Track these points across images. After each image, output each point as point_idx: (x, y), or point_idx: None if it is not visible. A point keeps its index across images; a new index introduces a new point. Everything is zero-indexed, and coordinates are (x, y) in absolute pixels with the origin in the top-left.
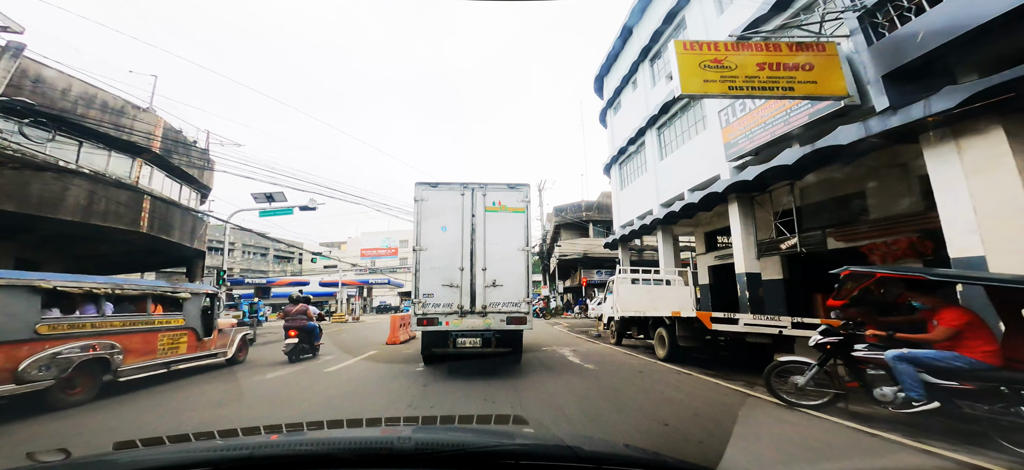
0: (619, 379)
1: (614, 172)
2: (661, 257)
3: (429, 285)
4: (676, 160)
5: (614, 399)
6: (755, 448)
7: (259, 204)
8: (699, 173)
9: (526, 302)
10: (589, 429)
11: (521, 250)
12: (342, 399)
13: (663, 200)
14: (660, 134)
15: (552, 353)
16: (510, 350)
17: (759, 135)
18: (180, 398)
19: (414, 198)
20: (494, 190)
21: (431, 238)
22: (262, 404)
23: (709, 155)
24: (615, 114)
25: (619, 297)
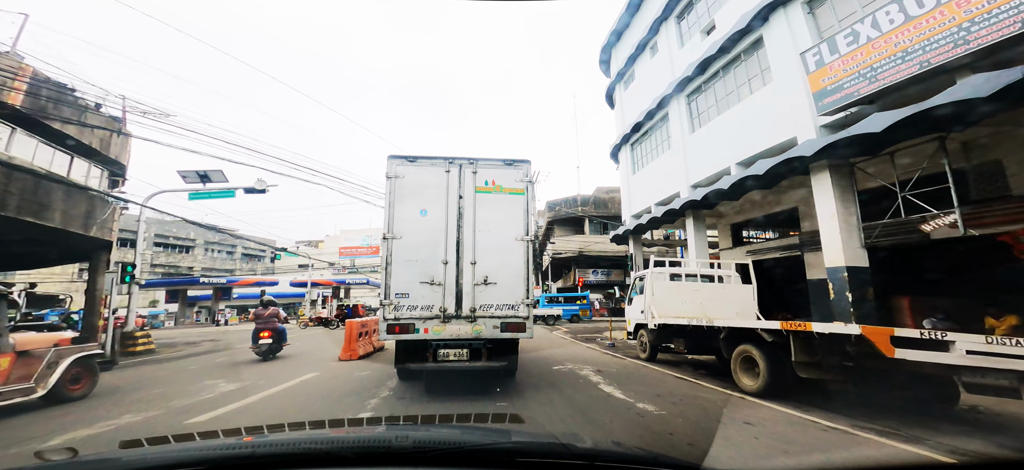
0: (734, 446)
1: (624, 155)
2: (692, 249)
3: (404, 282)
4: (716, 129)
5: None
6: None
7: (190, 185)
8: (754, 140)
9: (526, 304)
10: None
11: (520, 240)
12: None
13: (695, 180)
14: (691, 102)
15: (570, 374)
16: (504, 364)
17: (889, 71)
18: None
19: (386, 174)
20: (487, 167)
21: (407, 223)
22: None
23: (775, 114)
24: (626, 89)
25: (654, 299)
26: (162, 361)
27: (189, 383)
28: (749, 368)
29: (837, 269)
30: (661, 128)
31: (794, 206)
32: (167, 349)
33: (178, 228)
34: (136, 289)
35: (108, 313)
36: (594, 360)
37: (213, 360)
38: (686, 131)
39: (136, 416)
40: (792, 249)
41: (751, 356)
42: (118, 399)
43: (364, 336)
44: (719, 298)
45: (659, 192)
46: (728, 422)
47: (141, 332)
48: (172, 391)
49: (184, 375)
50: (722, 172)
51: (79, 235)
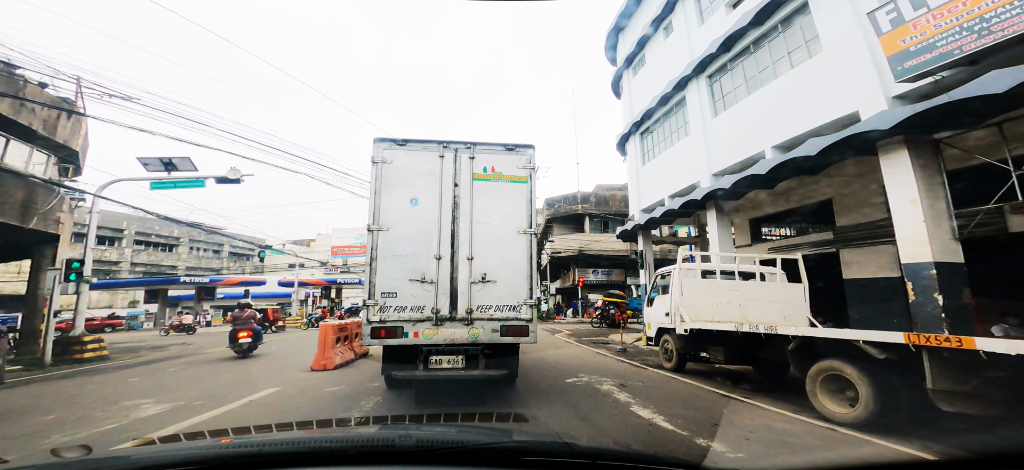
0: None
1: (633, 145)
2: (714, 243)
3: (390, 280)
4: (746, 111)
5: None
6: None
7: (153, 173)
8: (798, 119)
9: (528, 305)
10: None
11: (523, 233)
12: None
13: (719, 168)
14: (713, 83)
15: (589, 390)
16: (504, 372)
17: (1011, 20)
18: None
19: (372, 158)
20: (486, 152)
21: (395, 214)
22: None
23: (826, 88)
24: (635, 75)
25: (684, 300)
26: (103, 371)
27: (107, 404)
28: (836, 391)
29: (920, 266)
30: (677, 114)
31: (827, 198)
32: (125, 355)
33: (161, 226)
34: (85, 289)
35: (48, 315)
36: (611, 370)
37: (164, 370)
38: (707, 115)
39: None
40: (825, 246)
41: (841, 375)
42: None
43: (344, 342)
44: (762, 299)
45: (674, 183)
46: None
47: (91, 337)
48: (72, 416)
49: (111, 391)
50: (754, 157)
51: (14, 227)
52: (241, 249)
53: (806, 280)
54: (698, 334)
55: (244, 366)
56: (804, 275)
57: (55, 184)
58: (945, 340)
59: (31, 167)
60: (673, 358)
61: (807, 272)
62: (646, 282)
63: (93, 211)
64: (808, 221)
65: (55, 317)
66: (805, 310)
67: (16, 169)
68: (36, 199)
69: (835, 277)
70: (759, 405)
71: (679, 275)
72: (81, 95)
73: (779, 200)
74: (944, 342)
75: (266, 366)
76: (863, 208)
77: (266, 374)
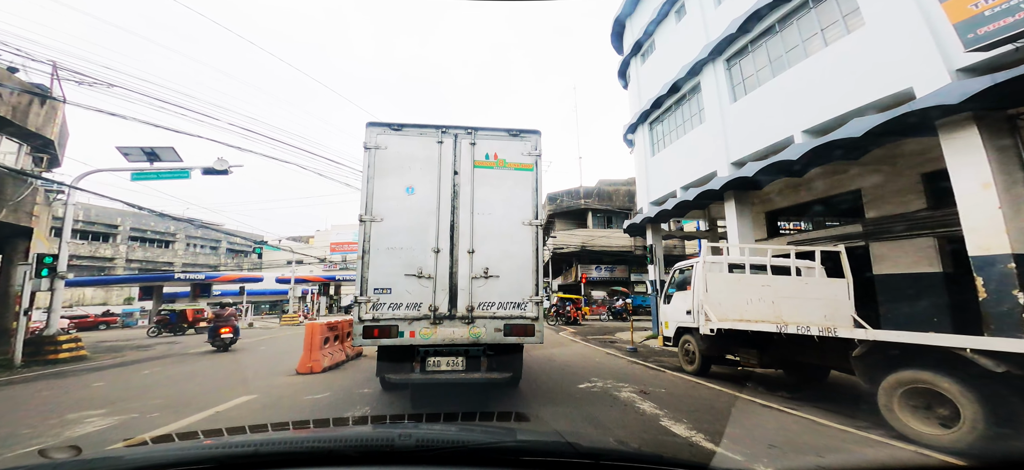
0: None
1: (641, 136)
2: (734, 236)
3: (385, 275)
4: (770, 95)
5: None
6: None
7: (134, 163)
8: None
9: (534, 302)
10: None
11: (528, 225)
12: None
13: (738, 156)
14: (732, 67)
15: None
16: (508, 375)
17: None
18: None
19: (364, 144)
20: (488, 137)
21: (390, 203)
22: None
23: (871, 64)
24: (643, 62)
25: (708, 297)
26: (73, 374)
27: (46, 416)
28: (921, 406)
29: (994, 258)
30: (691, 101)
31: (856, 188)
32: (106, 355)
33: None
34: (61, 285)
35: (20, 312)
36: (627, 374)
37: (136, 372)
38: (725, 101)
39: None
40: (852, 239)
41: (933, 390)
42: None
43: (334, 342)
44: (799, 296)
45: (687, 174)
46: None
47: (66, 336)
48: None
49: (64, 399)
50: (780, 143)
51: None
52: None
53: (850, 275)
54: (725, 335)
55: (223, 368)
56: (847, 269)
57: (27, 175)
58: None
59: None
60: (696, 361)
61: (834, 267)
62: (655, 278)
63: (68, 203)
64: (833, 213)
65: (25, 315)
66: (850, 308)
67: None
68: (5, 190)
69: (863, 273)
70: (817, 420)
71: (703, 269)
72: (57, 81)
73: (799, 192)
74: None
75: (247, 369)
76: (898, 198)
77: (245, 378)
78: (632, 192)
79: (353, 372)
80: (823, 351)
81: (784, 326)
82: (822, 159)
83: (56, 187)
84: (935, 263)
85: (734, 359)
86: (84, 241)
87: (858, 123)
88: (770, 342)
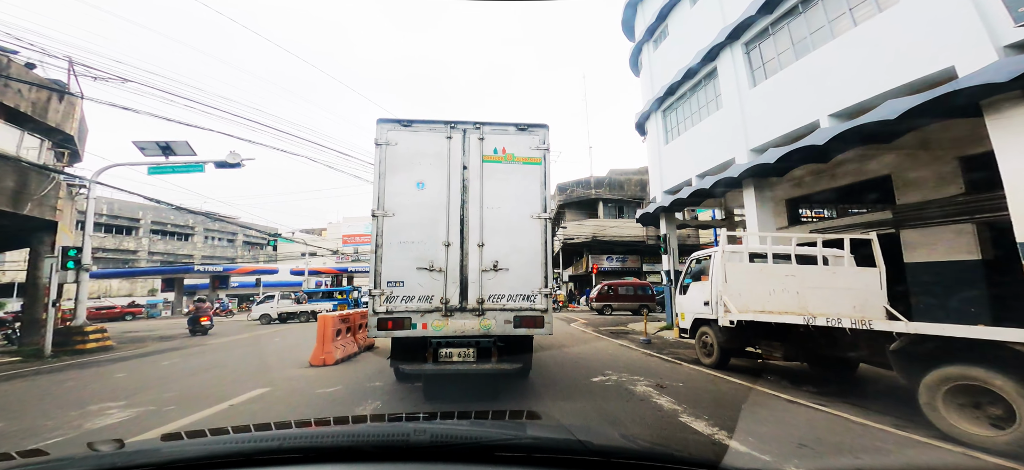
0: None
1: (654, 123)
2: (753, 225)
3: (397, 268)
4: (792, 79)
5: None
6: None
7: (149, 158)
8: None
9: (543, 294)
10: None
11: (537, 218)
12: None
13: (758, 143)
14: (751, 50)
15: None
16: (518, 366)
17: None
18: None
19: (375, 140)
20: (496, 132)
21: (401, 198)
22: None
23: (906, 44)
24: (656, 48)
25: (727, 287)
26: (98, 364)
27: (67, 409)
28: (968, 404)
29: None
30: (706, 86)
31: (885, 174)
32: (130, 345)
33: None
34: (86, 277)
35: (49, 304)
36: (642, 367)
37: (156, 364)
38: (744, 86)
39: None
40: (881, 226)
41: (984, 388)
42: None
43: (346, 333)
44: (827, 285)
45: (703, 161)
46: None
47: (93, 326)
48: (16, 428)
49: (87, 391)
50: (803, 128)
51: (8, 213)
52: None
53: (883, 264)
54: (746, 327)
55: (237, 360)
56: (880, 258)
57: (50, 169)
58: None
59: (23, 152)
60: (714, 353)
61: (861, 256)
62: (670, 268)
63: (90, 197)
64: (859, 200)
65: (54, 306)
66: (882, 299)
67: (5, 153)
68: (29, 185)
69: (893, 261)
70: (850, 418)
71: (722, 258)
72: (74, 76)
73: (822, 178)
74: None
75: (261, 361)
76: (933, 182)
77: (258, 370)
78: (644, 181)
79: (365, 365)
80: (854, 344)
81: (811, 318)
82: (851, 144)
83: (78, 182)
84: (974, 250)
85: (755, 352)
86: (108, 234)
87: (892, 105)
88: (794, 334)
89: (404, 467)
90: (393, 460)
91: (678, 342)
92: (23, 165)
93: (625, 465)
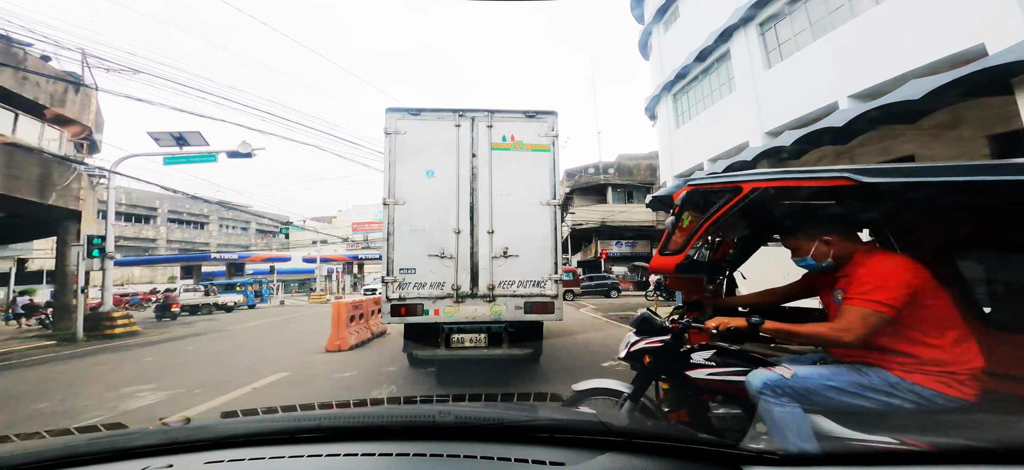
0: None
1: (664, 107)
2: None
3: (409, 256)
4: (810, 60)
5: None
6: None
7: (164, 148)
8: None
9: (553, 280)
10: None
11: (546, 205)
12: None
13: (773, 126)
14: (766, 31)
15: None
16: (529, 351)
17: None
18: None
19: (385, 130)
20: (505, 120)
21: (411, 187)
22: None
23: (927, 24)
24: (666, 31)
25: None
26: (126, 348)
27: (104, 390)
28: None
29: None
30: (719, 69)
31: (907, 153)
32: (155, 331)
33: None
34: (110, 264)
35: (78, 290)
36: None
37: (181, 349)
38: (758, 68)
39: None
40: None
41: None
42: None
43: (359, 320)
44: None
45: (715, 145)
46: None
47: (119, 312)
48: (62, 407)
49: (119, 374)
50: (820, 110)
51: (32, 203)
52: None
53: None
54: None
55: (256, 345)
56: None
57: (70, 160)
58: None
59: (44, 143)
60: None
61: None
62: None
63: (110, 186)
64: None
65: (82, 293)
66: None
67: (28, 144)
68: (52, 175)
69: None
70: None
71: None
72: (87, 68)
73: (840, 159)
74: None
75: (279, 346)
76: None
77: (277, 356)
78: (654, 166)
79: (379, 350)
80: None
81: None
82: (873, 124)
83: (97, 172)
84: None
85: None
86: (128, 223)
87: (916, 85)
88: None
89: (431, 445)
90: (421, 439)
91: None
92: (46, 156)
93: (645, 446)
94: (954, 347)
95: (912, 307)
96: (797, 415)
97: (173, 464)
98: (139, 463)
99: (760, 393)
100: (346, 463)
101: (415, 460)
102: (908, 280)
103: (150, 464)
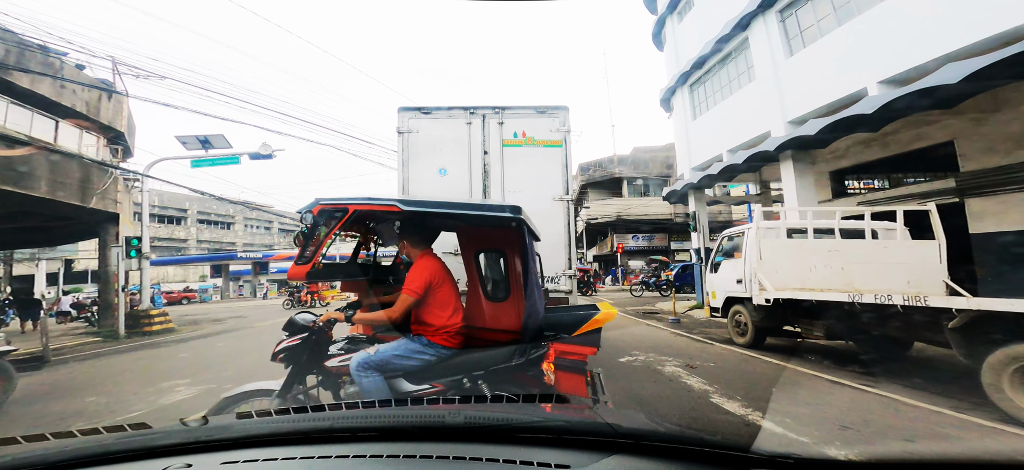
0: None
1: (680, 99)
2: (794, 198)
3: None
4: (833, 45)
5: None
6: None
7: (190, 151)
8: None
9: (567, 275)
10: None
11: (559, 201)
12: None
13: (796, 114)
14: (786, 18)
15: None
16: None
17: None
18: None
19: (397, 129)
20: (516, 116)
21: (424, 185)
22: None
23: (962, 3)
24: (681, 21)
25: (763, 264)
26: (164, 344)
27: (145, 385)
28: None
29: None
30: (738, 58)
31: (947, 139)
32: (188, 327)
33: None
34: (147, 264)
35: (119, 289)
36: (671, 347)
37: (213, 345)
38: (779, 56)
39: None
40: (943, 195)
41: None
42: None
43: None
44: (876, 260)
45: (734, 136)
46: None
47: (157, 310)
48: (107, 400)
49: (159, 369)
50: (848, 98)
51: (76, 207)
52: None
53: (942, 236)
54: (783, 305)
55: None
56: (939, 229)
57: (108, 165)
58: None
59: (82, 149)
60: (748, 332)
61: (920, 227)
62: (700, 246)
63: (144, 189)
64: (915, 168)
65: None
66: (941, 273)
67: (69, 150)
68: (91, 179)
69: (956, 233)
70: (900, 399)
71: (756, 235)
72: (118, 75)
73: (871, 147)
74: None
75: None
76: (1004, 147)
77: None
78: (669, 159)
79: None
80: (907, 322)
81: (858, 295)
82: (906, 111)
83: (132, 175)
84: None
85: (794, 330)
86: (161, 224)
87: (953, 69)
88: (838, 312)
89: (440, 446)
90: (431, 439)
91: (709, 321)
92: (85, 162)
93: (654, 447)
94: (451, 317)
95: (431, 292)
96: (378, 381)
97: (192, 464)
98: (161, 462)
99: (356, 370)
100: (357, 464)
101: (424, 461)
102: (429, 275)
103: (171, 463)
